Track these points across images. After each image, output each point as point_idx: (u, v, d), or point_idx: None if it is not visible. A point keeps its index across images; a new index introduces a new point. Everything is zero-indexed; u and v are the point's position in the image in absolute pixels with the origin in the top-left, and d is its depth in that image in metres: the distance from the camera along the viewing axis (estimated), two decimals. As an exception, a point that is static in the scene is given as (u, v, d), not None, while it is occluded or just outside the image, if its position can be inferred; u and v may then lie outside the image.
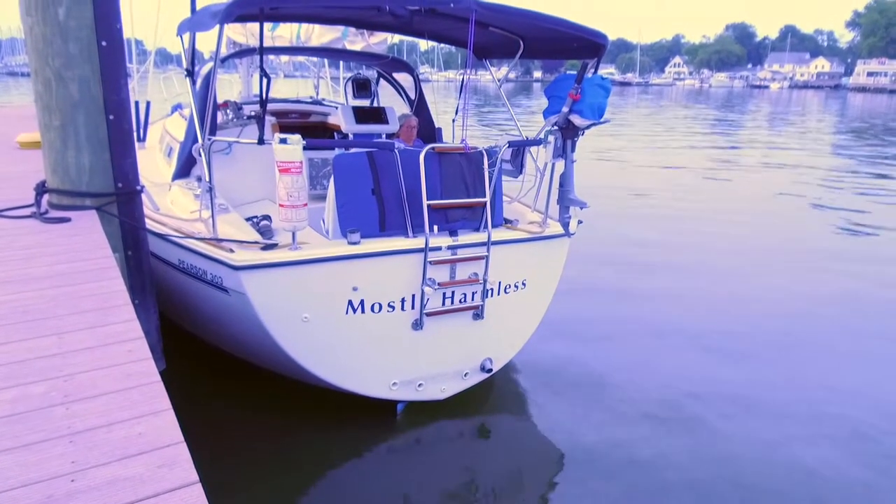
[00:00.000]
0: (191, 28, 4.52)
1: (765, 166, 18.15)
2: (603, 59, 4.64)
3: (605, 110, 4.53)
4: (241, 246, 3.97)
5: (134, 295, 4.26)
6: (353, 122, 5.75)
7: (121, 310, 2.78)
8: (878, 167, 18.48)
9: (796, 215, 11.89)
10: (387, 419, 4.63)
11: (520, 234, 4.64)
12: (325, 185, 5.87)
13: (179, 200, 5.15)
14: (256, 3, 3.77)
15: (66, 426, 1.89)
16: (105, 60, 4.04)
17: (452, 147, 4.44)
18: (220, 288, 4.10)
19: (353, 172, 4.22)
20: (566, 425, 4.68)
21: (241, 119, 6.15)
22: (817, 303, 7.28)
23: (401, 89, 7.08)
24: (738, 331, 6.41)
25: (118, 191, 4.23)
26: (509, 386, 5.26)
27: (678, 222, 11.02)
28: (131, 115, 4.37)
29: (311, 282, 3.99)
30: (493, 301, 4.61)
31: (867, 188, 14.91)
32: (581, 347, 5.96)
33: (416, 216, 4.26)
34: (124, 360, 2.33)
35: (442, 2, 4.05)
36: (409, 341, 4.41)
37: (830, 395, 5.20)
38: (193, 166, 5.47)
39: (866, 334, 6.43)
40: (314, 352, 4.19)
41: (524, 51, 5.28)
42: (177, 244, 4.33)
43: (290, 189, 3.74)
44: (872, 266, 8.72)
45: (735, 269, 8.48)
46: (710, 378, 5.43)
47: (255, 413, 4.68)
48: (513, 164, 5.14)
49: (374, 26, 6.20)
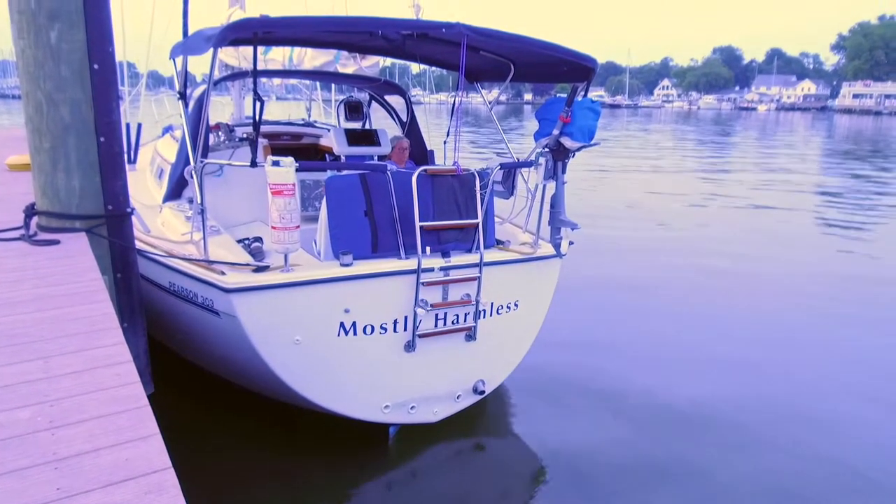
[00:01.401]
0: (184, 51, 4.55)
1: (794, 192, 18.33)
2: (592, 82, 4.69)
3: (596, 133, 4.57)
4: (232, 268, 3.95)
5: (123, 318, 4.22)
6: (346, 144, 5.77)
7: (109, 333, 2.75)
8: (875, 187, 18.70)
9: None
10: (379, 443, 4.58)
11: (512, 255, 4.64)
12: (316, 206, 5.87)
13: (170, 222, 5.13)
14: (250, 28, 3.80)
15: (52, 452, 1.86)
16: (97, 83, 4.04)
17: (444, 169, 4.46)
18: (211, 310, 4.06)
19: (346, 194, 4.23)
20: (560, 445, 4.64)
21: (233, 141, 6.16)
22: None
23: (392, 112, 7.13)
24: (731, 345, 6.42)
25: (108, 213, 4.21)
26: (501, 407, 5.23)
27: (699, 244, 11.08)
28: (122, 138, 4.37)
29: (303, 304, 3.97)
30: (486, 322, 4.59)
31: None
32: (574, 366, 5.94)
33: (408, 237, 4.26)
34: (111, 384, 2.29)
35: (434, 27, 4.10)
36: (402, 363, 4.38)
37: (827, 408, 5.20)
38: (185, 188, 5.46)
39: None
40: (305, 375, 4.15)
41: (515, 74, 5.33)
42: (167, 266, 4.31)
43: (282, 211, 3.73)
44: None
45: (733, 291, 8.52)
46: (709, 396, 5.42)
47: (244, 437, 4.62)
48: (504, 185, 5.17)
49: (366, 50, 6.26)
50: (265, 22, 4.01)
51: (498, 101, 6.08)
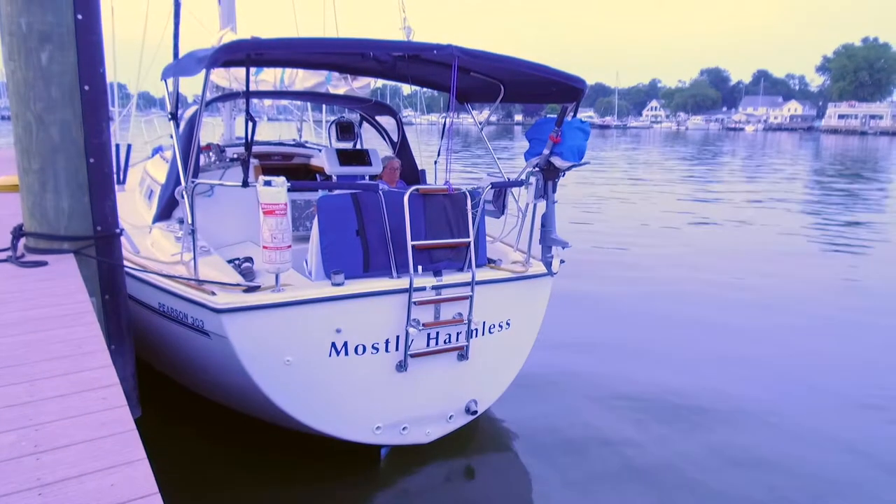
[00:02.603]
0: (176, 73, 4.56)
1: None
2: (582, 103, 4.73)
3: (585, 152, 4.60)
4: (223, 288, 3.92)
5: (110, 340, 4.17)
6: (337, 164, 5.78)
7: (96, 356, 2.71)
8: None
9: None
10: (370, 464, 4.52)
11: (503, 274, 4.64)
12: (307, 226, 5.86)
13: (160, 243, 5.11)
14: (243, 50, 3.82)
15: (36, 478, 1.82)
16: (87, 104, 4.04)
17: (436, 188, 4.47)
18: (201, 331, 4.03)
19: (338, 214, 4.22)
20: (553, 464, 4.60)
21: (224, 162, 6.16)
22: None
23: (383, 132, 7.16)
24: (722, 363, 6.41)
25: (97, 234, 4.18)
26: (494, 426, 5.19)
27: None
28: (112, 158, 4.35)
29: (294, 324, 3.94)
30: (478, 341, 4.58)
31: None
32: (566, 384, 5.91)
33: (400, 256, 4.25)
34: (98, 407, 2.26)
35: (425, 48, 4.14)
36: (394, 383, 4.34)
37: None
38: (175, 208, 5.44)
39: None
40: (296, 396, 4.11)
41: (505, 95, 5.37)
42: (157, 287, 4.27)
43: (274, 231, 3.72)
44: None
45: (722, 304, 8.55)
46: (702, 408, 5.41)
47: (234, 461, 4.55)
48: (495, 204, 5.18)
49: (358, 71, 6.30)
50: (257, 44, 4.03)
51: (488, 121, 6.13)
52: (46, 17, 3.84)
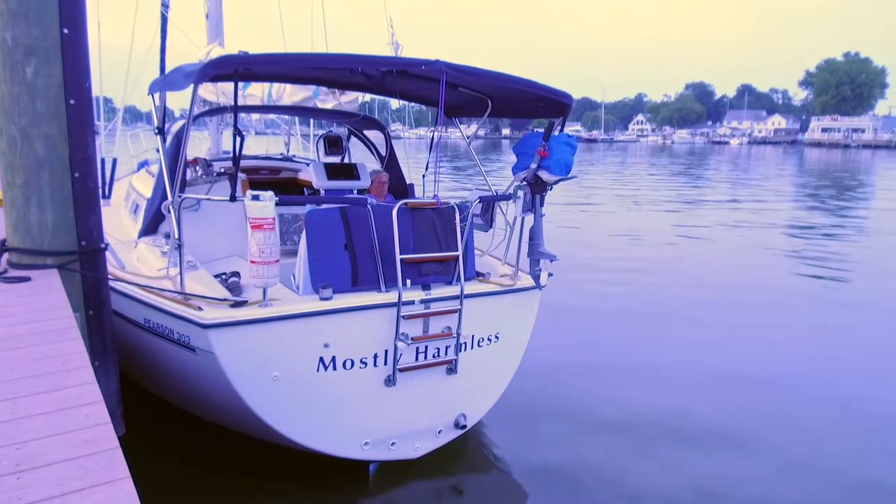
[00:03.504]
0: (163, 87, 4.55)
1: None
2: (569, 117, 4.77)
3: (572, 166, 4.63)
4: (209, 303, 3.89)
5: (94, 356, 4.11)
6: (325, 178, 5.77)
7: (79, 372, 2.68)
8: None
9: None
10: (359, 479, 4.48)
11: (492, 287, 4.64)
12: (295, 240, 5.84)
13: (146, 258, 5.07)
14: (231, 65, 3.82)
15: (17, 497, 1.78)
16: (73, 118, 4.01)
17: (424, 202, 4.48)
18: (187, 347, 3.99)
19: (326, 228, 4.21)
20: (543, 478, 4.59)
21: (211, 176, 6.14)
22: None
23: (372, 146, 7.17)
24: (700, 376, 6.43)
25: (81, 249, 4.14)
26: (483, 440, 5.16)
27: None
28: (97, 173, 4.32)
29: (282, 339, 3.91)
30: (467, 355, 4.56)
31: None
32: (554, 397, 5.90)
33: (388, 270, 4.24)
34: (81, 425, 2.22)
35: (414, 64, 4.16)
36: (382, 398, 4.32)
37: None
38: (161, 223, 5.40)
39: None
40: (284, 411, 4.07)
41: (492, 110, 5.41)
42: (142, 302, 4.23)
43: (262, 245, 3.70)
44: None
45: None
46: (689, 424, 5.41)
47: (220, 478, 4.49)
48: (483, 218, 5.20)
49: (346, 86, 6.32)
50: (245, 59, 4.04)
51: (476, 135, 6.18)
52: (32, 30, 3.82)
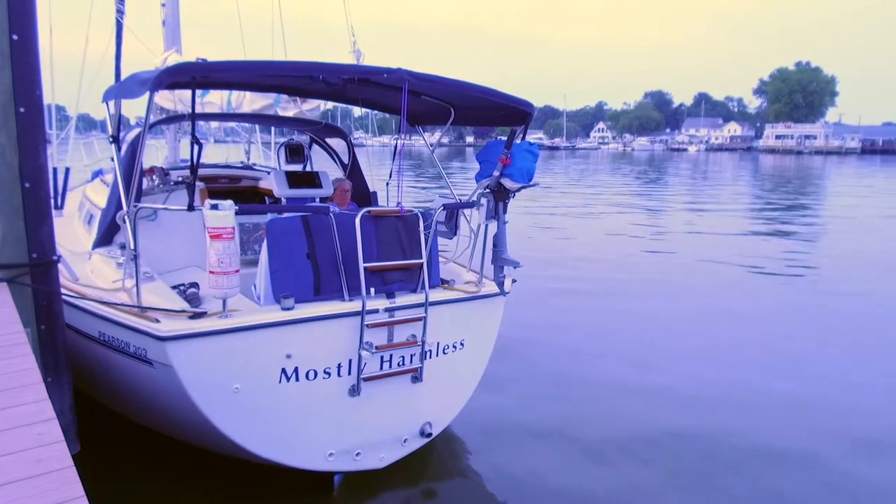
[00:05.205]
0: (118, 95, 4.45)
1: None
2: (532, 125, 4.83)
3: (534, 174, 4.68)
4: (167, 315, 3.81)
5: (47, 372, 3.98)
6: (286, 187, 5.72)
7: (31, 389, 2.59)
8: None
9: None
10: (323, 491, 4.43)
11: (457, 294, 4.65)
12: (256, 250, 5.75)
13: (100, 269, 4.93)
14: (188, 72, 3.76)
15: (-38, 522, 1.71)
16: (23, 127, 3.89)
17: (388, 210, 4.47)
18: (144, 360, 3.89)
19: (288, 237, 4.17)
20: (509, 482, 4.61)
21: (168, 185, 6.02)
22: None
23: (334, 154, 7.13)
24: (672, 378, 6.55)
25: (32, 261, 4.01)
26: (448, 447, 5.15)
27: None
28: (49, 183, 4.20)
29: (242, 350, 3.85)
30: (432, 363, 4.56)
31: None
32: (515, 401, 5.94)
33: (352, 279, 4.21)
34: (33, 444, 2.15)
35: (375, 72, 4.16)
36: (346, 409, 4.28)
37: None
38: (116, 234, 5.27)
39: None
40: (245, 425, 4.00)
41: (455, 118, 5.44)
42: (97, 315, 4.12)
43: (221, 255, 3.64)
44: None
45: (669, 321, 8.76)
46: (649, 426, 5.49)
47: (180, 496, 4.38)
48: (447, 225, 5.21)
49: (307, 94, 6.28)
50: (203, 66, 3.98)
51: (440, 143, 6.21)
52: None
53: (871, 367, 7.12)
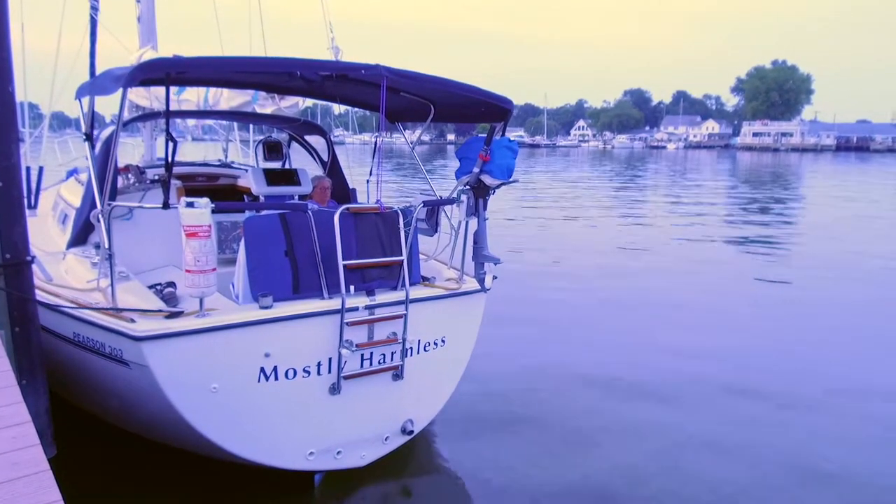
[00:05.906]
0: (91, 92, 4.38)
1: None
2: (512, 123, 4.84)
3: (514, 170, 4.70)
4: (143, 315, 3.76)
5: (21, 375, 3.92)
6: (264, 184, 5.67)
7: (5, 392, 2.55)
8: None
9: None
10: (303, 490, 4.41)
11: (437, 291, 4.65)
12: (234, 248, 5.70)
13: (75, 270, 4.86)
14: (162, 68, 3.72)
15: (-68, 528, 1.68)
16: (-6, 125, 3.82)
17: (367, 207, 4.45)
18: (120, 361, 3.84)
19: (265, 235, 4.14)
20: (491, 478, 4.62)
21: (144, 183, 5.94)
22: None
23: (313, 151, 7.08)
24: (649, 372, 6.62)
25: (5, 262, 3.95)
26: (429, 445, 5.16)
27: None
28: (22, 182, 4.13)
29: (220, 350, 3.81)
30: (413, 360, 4.56)
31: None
32: (498, 399, 5.96)
33: (331, 277, 4.19)
34: (8, 447, 2.12)
35: (353, 68, 4.13)
36: (326, 407, 4.26)
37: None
38: (91, 233, 5.20)
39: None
40: (224, 425, 3.97)
41: (435, 115, 5.43)
42: (71, 316, 4.05)
43: (197, 254, 3.61)
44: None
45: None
46: (627, 419, 5.55)
47: (158, 497, 4.34)
48: (428, 222, 5.21)
49: (285, 91, 6.22)
50: (178, 62, 3.93)
51: (420, 140, 6.19)
52: (-53, 33, 3.63)
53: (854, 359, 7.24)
